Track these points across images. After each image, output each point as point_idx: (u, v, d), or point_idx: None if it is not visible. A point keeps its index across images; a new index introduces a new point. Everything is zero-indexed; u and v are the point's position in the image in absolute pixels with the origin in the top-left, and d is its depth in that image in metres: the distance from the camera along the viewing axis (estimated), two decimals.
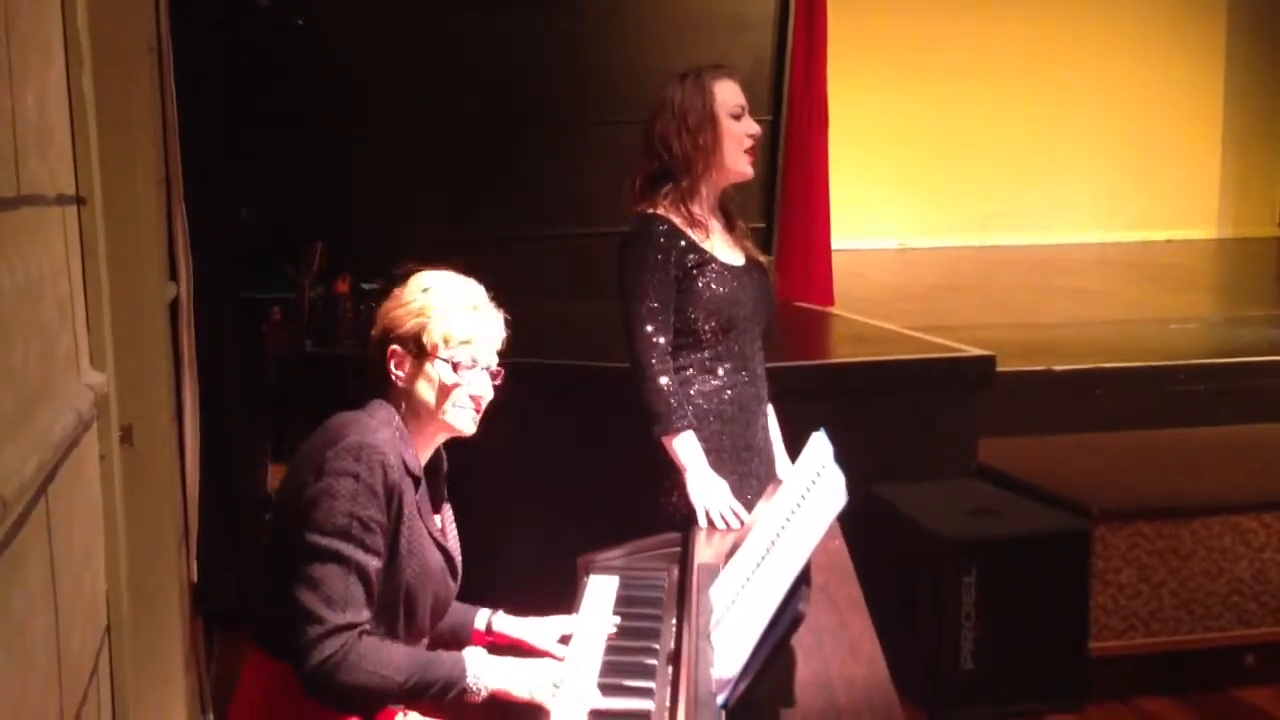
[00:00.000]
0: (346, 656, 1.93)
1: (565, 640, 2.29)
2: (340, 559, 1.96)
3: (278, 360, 4.27)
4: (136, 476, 2.58)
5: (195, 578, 3.18)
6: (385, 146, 5.92)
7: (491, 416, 2.22)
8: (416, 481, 2.10)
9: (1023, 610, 3.90)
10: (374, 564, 2.00)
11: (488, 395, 2.17)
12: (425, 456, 2.17)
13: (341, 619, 1.94)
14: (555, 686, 2.03)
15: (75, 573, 1.60)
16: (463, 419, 2.15)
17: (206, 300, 3.38)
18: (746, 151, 2.90)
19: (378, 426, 2.05)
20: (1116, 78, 11.00)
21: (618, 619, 2.31)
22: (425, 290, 2.15)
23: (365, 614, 1.98)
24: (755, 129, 2.91)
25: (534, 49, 6.17)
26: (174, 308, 3.05)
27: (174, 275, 3.08)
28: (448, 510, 2.31)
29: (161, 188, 2.95)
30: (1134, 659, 4.10)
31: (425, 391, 2.12)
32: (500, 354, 2.21)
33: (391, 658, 1.98)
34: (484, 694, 2.02)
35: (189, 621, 3.07)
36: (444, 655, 2.06)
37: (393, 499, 2.02)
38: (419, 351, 2.12)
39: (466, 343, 2.13)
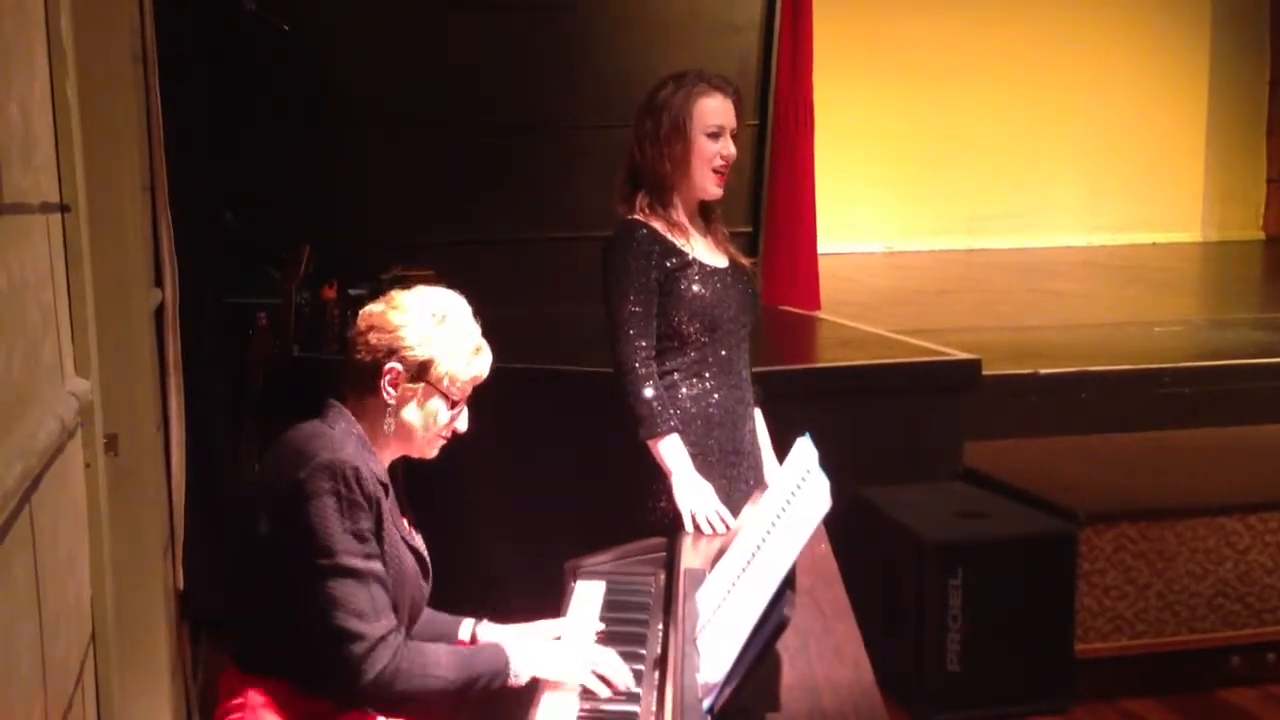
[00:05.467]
0: (399, 666, 1.98)
1: None
2: (354, 573, 1.98)
3: (264, 366, 4.25)
4: (121, 484, 2.57)
5: (181, 584, 3.17)
6: (372, 150, 5.92)
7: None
8: (386, 489, 2.10)
9: (1008, 613, 3.91)
10: (381, 568, 2.04)
11: (466, 429, 2.20)
12: (385, 465, 2.18)
13: (380, 628, 1.99)
14: (594, 664, 2.09)
15: (60, 580, 1.60)
16: (434, 449, 2.20)
17: (192, 306, 3.37)
18: (716, 171, 2.85)
19: (342, 440, 2.05)
20: (1102, 81, 11.04)
21: (601, 625, 2.32)
22: (440, 319, 2.13)
23: (393, 616, 2.03)
24: (730, 151, 2.86)
25: (522, 52, 6.17)
26: (159, 314, 3.05)
27: (159, 281, 3.08)
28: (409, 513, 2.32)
29: (146, 194, 2.95)
30: (1119, 661, 4.11)
31: (413, 417, 2.14)
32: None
33: (439, 659, 2.04)
34: (525, 679, 2.10)
35: (175, 628, 3.07)
36: (484, 647, 2.15)
37: (372, 507, 2.03)
38: (419, 379, 2.11)
39: (467, 383, 2.16)
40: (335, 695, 2.03)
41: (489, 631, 2.35)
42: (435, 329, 2.12)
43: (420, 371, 2.11)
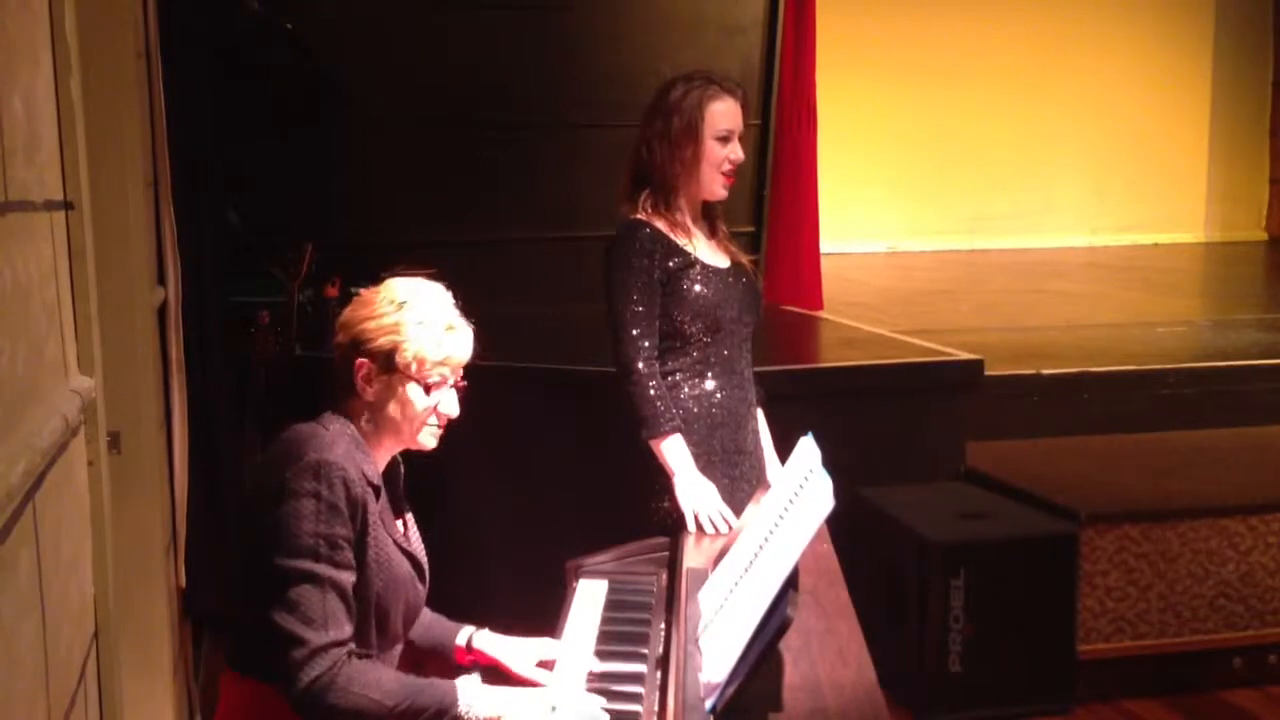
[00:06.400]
0: (335, 679, 1.92)
1: (545, 666, 2.24)
2: (313, 579, 1.94)
3: (265, 364, 4.25)
4: (124, 482, 2.57)
5: (183, 582, 3.18)
6: (375, 148, 5.92)
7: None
8: (377, 491, 2.07)
9: (1010, 613, 3.92)
10: (347, 579, 1.98)
11: (455, 413, 2.15)
12: (382, 465, 2.14)
13: (324, 638, 1.93)
14: (552, 709, 2.00)
15: (63, 578, 1.59)
16: (427, 438, 2.15)
17: (194, 304, 3.38)
18: (724, 174, 2.88)
19: (333, 441, 2.02)
20: (1105, 82, 11.04)
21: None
22: (398, 304, 2.09)
23: (347, 629, 1.97)
24: (739, 155, 2.89)
25: (524, 51, 6.18)
26: (162, 312, 3.05)
27: (162, 279, 3.08)
28: (409, 514, 2.28)
29: (149, 192, 2.95)
30: (1121, 661, 4.11)
31: (394, 410, 2.10)
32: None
33: (381, 681, 1.96)
34: (481, 718, 1.99)
35: (177, 626, 3.07)
36: (437, 682, 2.03)
37: (356, 513, 1.99)
38: (389, 369, 2.08)
39: (440, 364, 2.10)
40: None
41: (485, 641, 2.32)
42: (394, 315, 2.08)
43: (388, 361, 2.07)
